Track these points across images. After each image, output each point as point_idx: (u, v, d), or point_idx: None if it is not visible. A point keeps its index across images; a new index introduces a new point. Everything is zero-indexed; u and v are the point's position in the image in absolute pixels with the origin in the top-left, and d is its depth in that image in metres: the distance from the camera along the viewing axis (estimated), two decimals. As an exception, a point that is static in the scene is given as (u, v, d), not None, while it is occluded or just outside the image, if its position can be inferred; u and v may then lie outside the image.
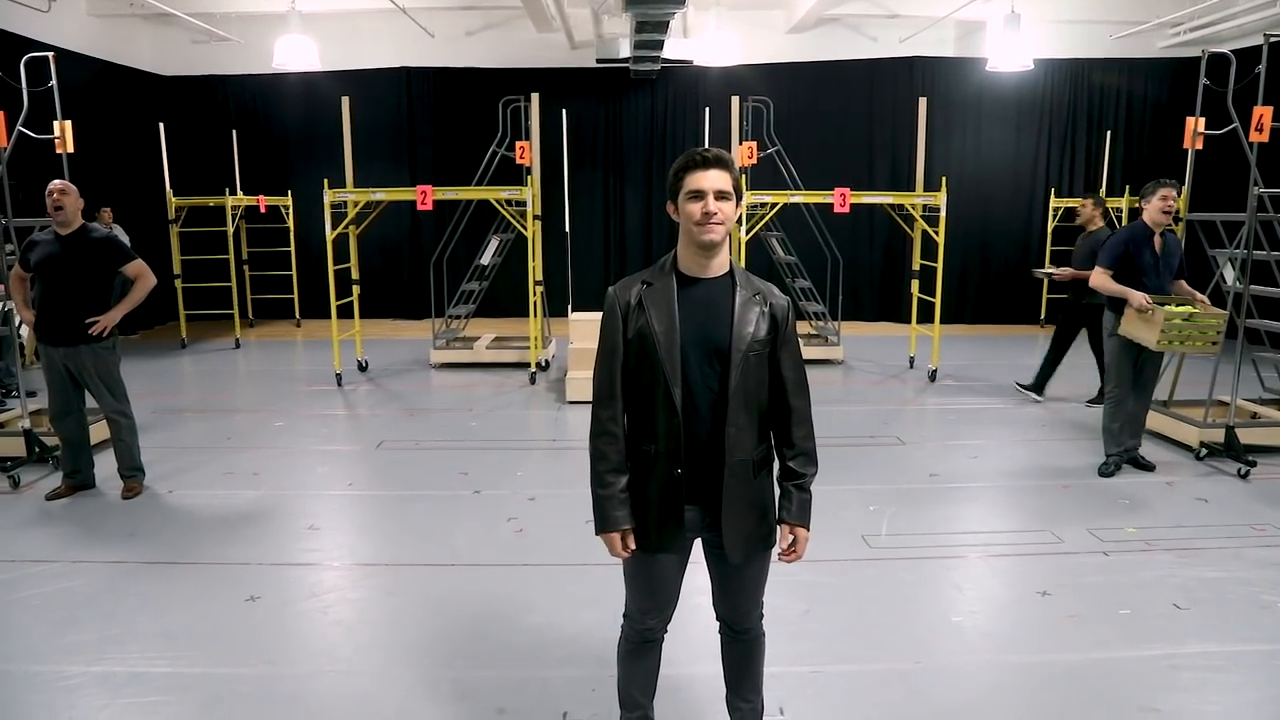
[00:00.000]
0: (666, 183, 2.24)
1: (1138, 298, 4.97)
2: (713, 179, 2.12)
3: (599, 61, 10.81)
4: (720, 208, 2.12)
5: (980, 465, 5.65)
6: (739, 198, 2.19)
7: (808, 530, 2.31)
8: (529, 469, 5.61)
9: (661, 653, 2.58)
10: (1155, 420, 6.06)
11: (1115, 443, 5.39)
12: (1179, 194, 5.11)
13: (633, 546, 2.29)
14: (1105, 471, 5.40)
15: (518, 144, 8.54)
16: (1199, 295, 5.19)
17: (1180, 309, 5.00)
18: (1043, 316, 11.49)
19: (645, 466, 2.26)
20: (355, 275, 8.15)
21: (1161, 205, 5.02)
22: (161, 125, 9.72)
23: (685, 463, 2.21)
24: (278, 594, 3.82)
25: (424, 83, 11.85)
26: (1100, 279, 5.18)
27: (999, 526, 4.68)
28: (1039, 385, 7.30)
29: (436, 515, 4.76)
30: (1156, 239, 5.13)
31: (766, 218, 8.29)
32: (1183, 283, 5.27)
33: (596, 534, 2.30)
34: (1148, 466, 5.44)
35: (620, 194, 12.23)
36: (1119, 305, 5.15)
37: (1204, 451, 5.64)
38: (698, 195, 2.12)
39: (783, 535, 2.30)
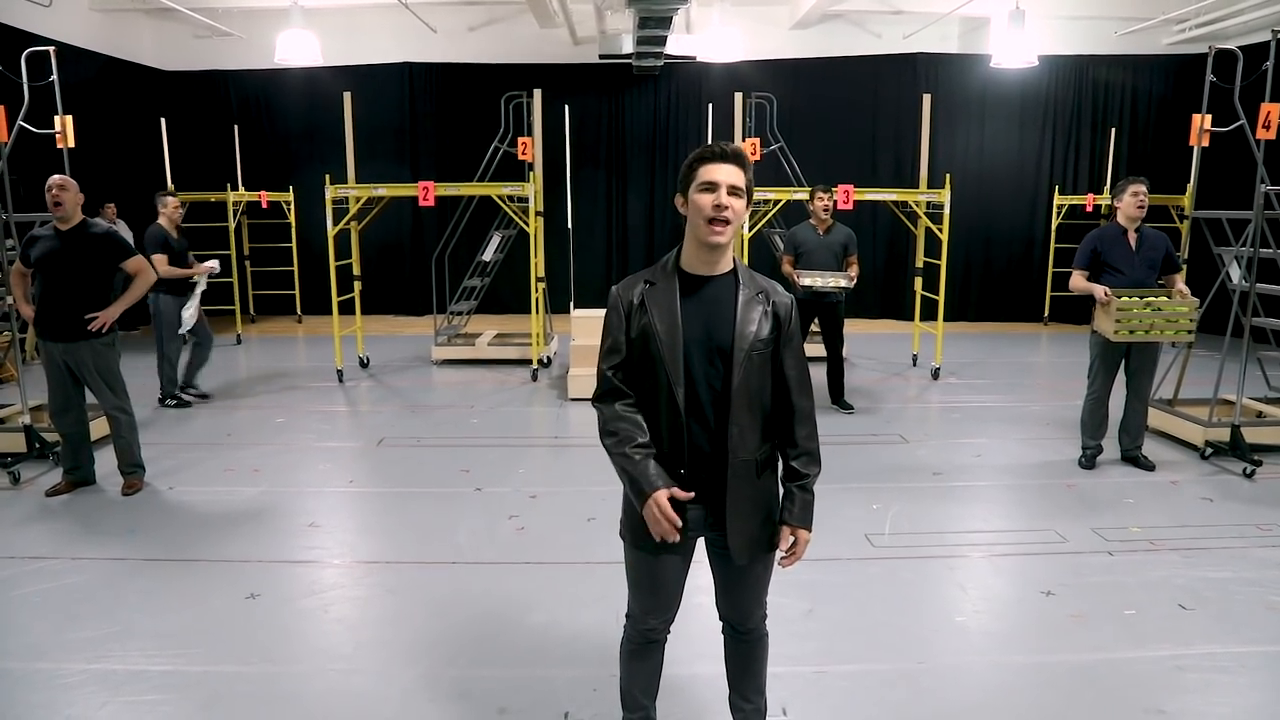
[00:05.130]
0: (679, 175, 2.21)
1: (1098, 290, 5.09)
2: (727, 173, 2.10)
3: (602, 57, 10.78)
4: (731, 203, 2.10)
5: (984, 464, 5.63)
6: (749, 199, 2.17)
7: (809, 532, 2.29)
8: (531, 466, 5.59)
9: (664, 653, 2.56)
10: (1160, 419, 6.05)
11: (1090, 435, 5.48)
12: (1149, 189, 5.17)
13: (677, 498, 2.15)
14: (1081, 463, 5.50)
15: (520, 140, 8.52)
16: (1183, 289, 5.21)
17: (1140, 299, 5.08)
18: (1046, 314, 11.46)
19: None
20: (357, 271, 8.13)
21: (1134, 202, 5.09)
22: (163, 120, 9.71)
23: (688, 463, 2.19)
24: (278, 591, 3.81)
25: (426, 78, 11.83)
26: (1073, 279, 5.33)
27: (1003, 525, 4.66)
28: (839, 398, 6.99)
29: (438, 513, 4.75)
30: (1131, 235, 5.18)
31: (769, 215, 8.26)
32: (1176, 277, 5.26)
33: (639, 506, 2.16)
34: (1148, 466, 5.42)
35: (623, 190, 12.20)
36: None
37: (1209, 451, 5.62)
38: (710, 187, 2.10)
39: (784, 537, 2.28)
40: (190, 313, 6.81)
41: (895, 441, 6.11)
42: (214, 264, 7.12)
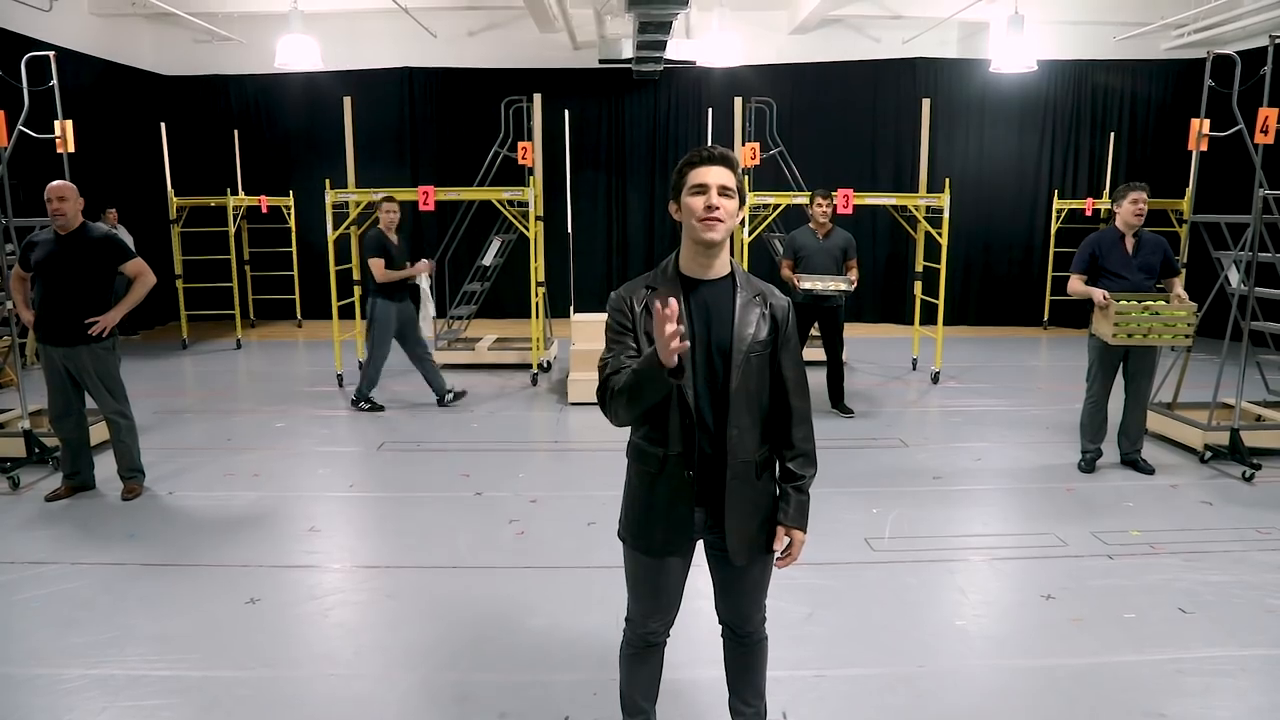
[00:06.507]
0: (670, 182, 2.22)
1: (1097, 294, 5.11)
2: (717, 174, 2.11)
3: (601, 62, 10.80)
4: (723, 203, 2.10)
5: (984, 467, 5.63)
6: (742, 200, 2.18)
7: (804, 533, 2.30)
8: (531, 471, 5.60)
9: (664, 657, 2.56)
10: (1159, 423, 6.05)
11: (1090, 439, 5.51)
12: (1148, 195, 5.19)
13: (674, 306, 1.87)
14: (1081, 467, 5.52)
15: (520, 144, 8.53)
16: (1180, 293, 5.22)
17: (1138, 303, 5.09)
18: (1045, 318, 11.47)
19: (654, 469, 2.23)
20: (356, 276, 8.13)
21: (1132, 209, 5.11)
22: (163, 125, 9.71)
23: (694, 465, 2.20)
24: (278, 596, 3.81)
25: (426, 83, 11.85)
26: (1071, 283, 5.34)
27: (1002, 529, 4.66)
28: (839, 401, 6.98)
29: (438, 517, 4.75)
30: (1129, 240, 5.20)
31: (769, 219, 8.27)
32: (1175, 280, 5.27)
33: (654, 367, 1.94)
34: (1147, 470, 5.42)
35: (623, 195, 12.22)
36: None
37: (1208, 454, 5.62)
38: (701, 189, 2.11)
39: (779, 538, 2.29)
40: (428, 323, 6.94)
41: (895, 445, 6.11)
42: (429, 262, 7.11)
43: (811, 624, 3.54)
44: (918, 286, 8.40)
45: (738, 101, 8.66)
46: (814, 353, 7.64)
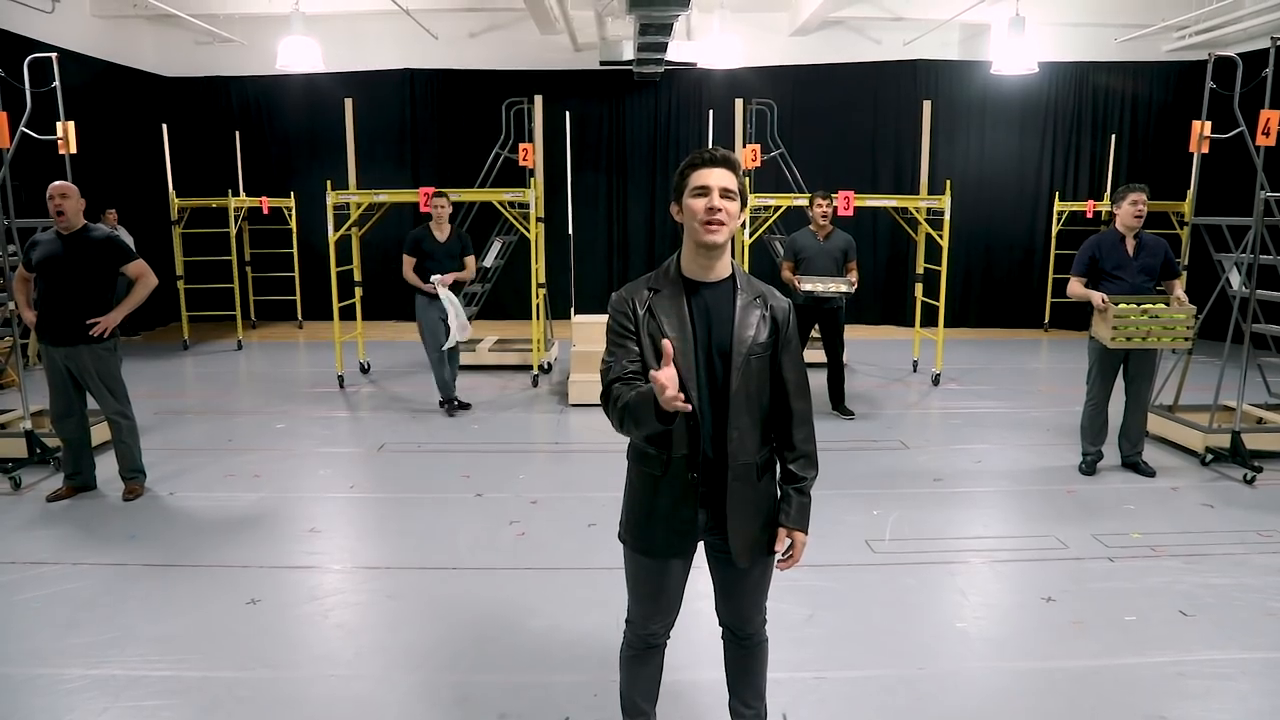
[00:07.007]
0: (671, 184, 2.22)
1: (1096, 297, 5.11)
2: (718, 176, 2.11)
3: (602, 63, 10.80)
4: (725, 205, 2.10)
5: (984, 469, 5.63)
6: (743, 201, 2.18)
7: (806, 534, 2.30)
8: (531, 472, 5.60)
9: (664, 658, 2.56)
10: (1160, 425, 6.05)
11: (1090, 442, 5.51)
12: (1148, 196, 5.19)
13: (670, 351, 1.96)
14: (1082, 469, 5.52)
15: (521, 146, 8.53)
16: (1180, 295, 5.23)
17: (1137, 306, 5.09)
18: (1046, 320, 11.46)
19: (658, 471, 2.23)
20: (358, 277, 8.14)
21: (1132, 210, 5.12)
22: (164, 126, 9.72)
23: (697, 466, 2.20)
24: (278, 597, 3.81)
25: (427, 84, 11.86)
26: (1070, 285, 5.34)
27: (1003, 531, 4.66)
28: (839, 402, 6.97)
29: (438, 518, 4.75)
30: (1129, 241, 5.20)
31: (770, 221, 8.27)
32: (1175, 283, 5.28)
33: (654, 413, 1.96)
34: (1148, 472, 5.42)
35: (623, 196, 12.22)
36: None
37: (1209, 457, 5.61)
38: (703, 191, 2.11)
39: (780, 539, 2.29)
40: (454, 328, 6.80)
41: (896, 447, 6.11)
42: (431, 285, 6.76)
43: (812, 626, 3.53)
44: (918, 288, 8.40)
45: (738, 103, 8.67)
46: (814, 354, 7.64)
